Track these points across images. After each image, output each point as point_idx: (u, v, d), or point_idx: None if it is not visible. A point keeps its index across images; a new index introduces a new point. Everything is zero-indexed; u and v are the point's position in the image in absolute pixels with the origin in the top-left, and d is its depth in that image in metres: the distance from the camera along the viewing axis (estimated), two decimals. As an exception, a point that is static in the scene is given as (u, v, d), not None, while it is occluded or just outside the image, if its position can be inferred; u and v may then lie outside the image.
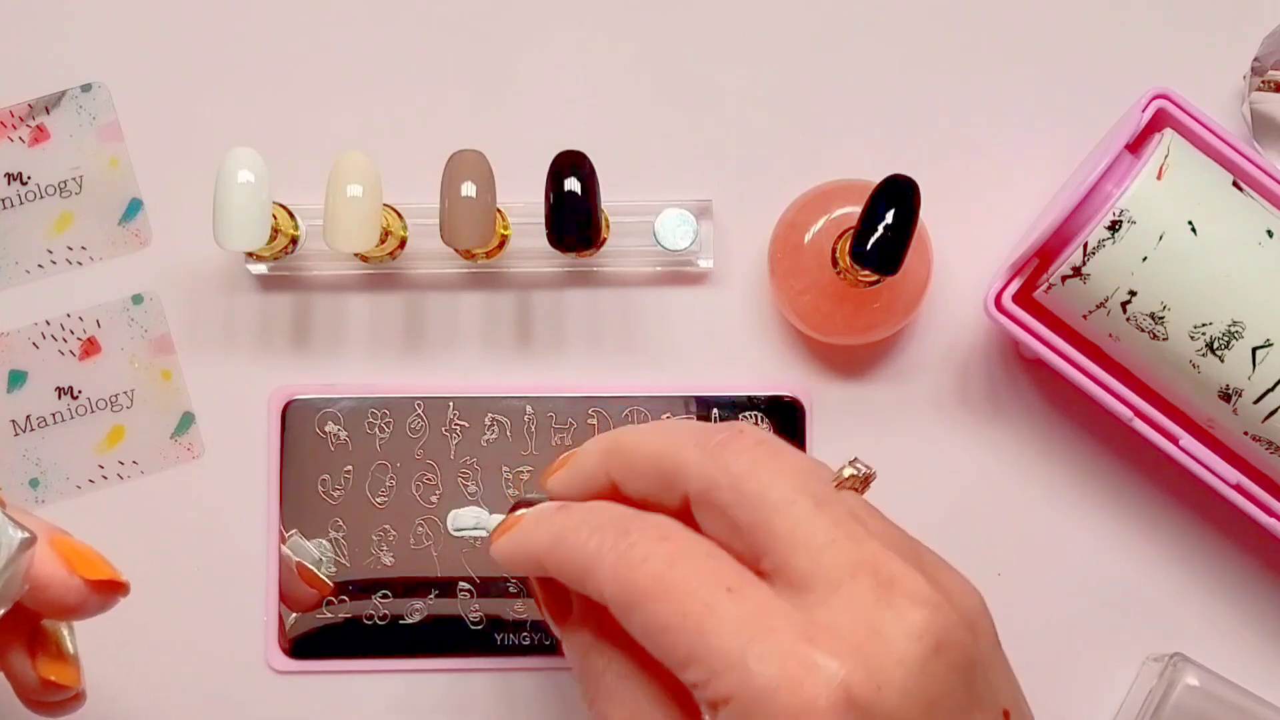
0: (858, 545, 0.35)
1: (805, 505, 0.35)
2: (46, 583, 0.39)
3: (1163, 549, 0.53)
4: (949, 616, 0.35)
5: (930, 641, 0.34)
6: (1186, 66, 0.53)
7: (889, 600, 0.34)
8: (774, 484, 0.36)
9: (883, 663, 0.33)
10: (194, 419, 0.53)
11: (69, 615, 0.41)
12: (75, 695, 0.42)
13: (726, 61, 0.54)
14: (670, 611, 0.34)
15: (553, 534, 0.38)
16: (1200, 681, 0.50)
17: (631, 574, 0.35)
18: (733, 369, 0.53)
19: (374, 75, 0.54)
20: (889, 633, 0.34)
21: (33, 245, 0.53)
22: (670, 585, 0.35)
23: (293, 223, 0.51)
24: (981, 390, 0.53)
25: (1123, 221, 0.45)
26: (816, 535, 0.35)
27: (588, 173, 0.48)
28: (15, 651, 0.41)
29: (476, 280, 0.53)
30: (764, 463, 0.36)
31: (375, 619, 0.52)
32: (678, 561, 0.35)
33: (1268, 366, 0.46)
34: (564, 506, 0.39)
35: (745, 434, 0.37)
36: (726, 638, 0.34)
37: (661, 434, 0.39)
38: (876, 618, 0.34)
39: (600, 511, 0.38)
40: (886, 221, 0.46)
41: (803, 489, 0.36)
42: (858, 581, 0.34)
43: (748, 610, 0.34)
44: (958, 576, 0.37)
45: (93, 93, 0.53)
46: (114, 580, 0.40)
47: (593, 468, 0.40)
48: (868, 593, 0.34)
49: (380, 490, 0.52)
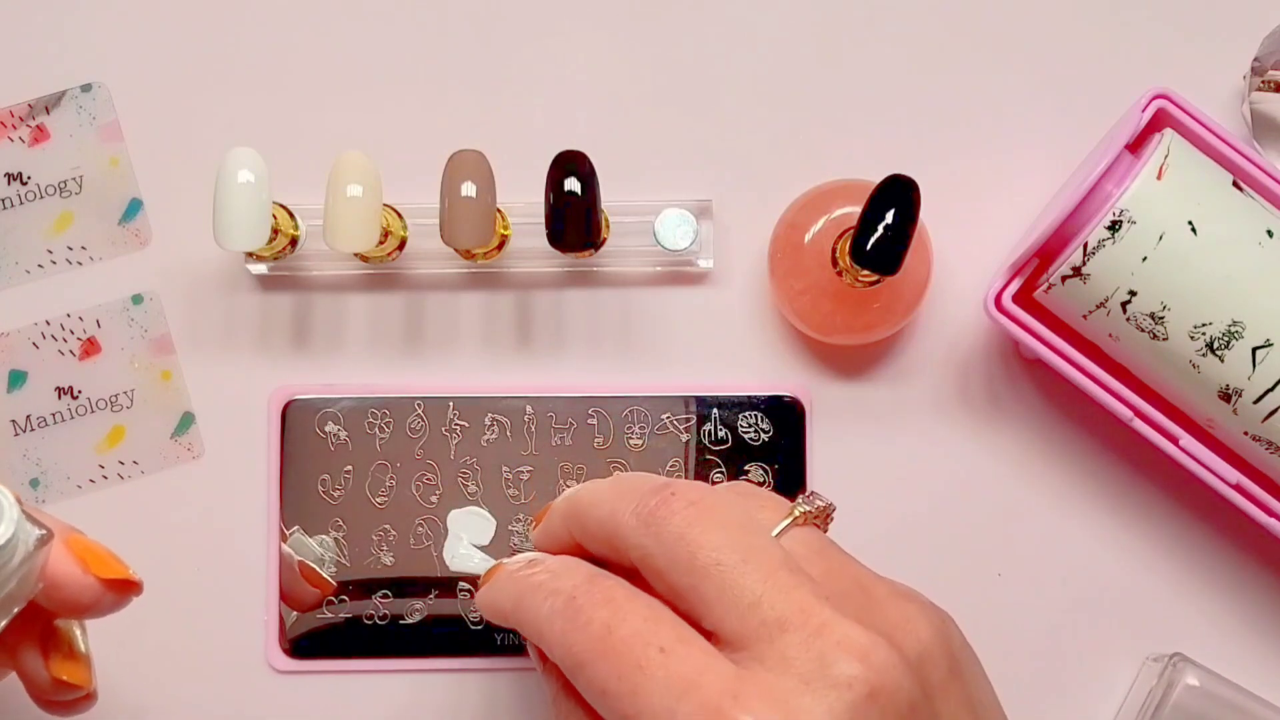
0: (786, 597, 0.35)
1: (732, 564, 0.36)
2: (61, 581, 0.39)
3: (1163, 549, 0.53)
4: (885, 659, 0.35)
5: (862, 689, 0.34)
6: (1186, 66, 0.53)
7: (819, 651, 0.34)
8: (702, 546, 0.36)
9: (811, 717, 0.34)
10: (194, 419, 0.53)
11: (83, 614, 0.41)
12: (87, 695, 0.42)
13: (726, 62, 0.54)
14: (607, 674, 0.35)
15: (516, 594, 0.39)
16: (1200, 681, 0.50)
17: (574, 638, 0.36)
18: (733, 369, 0.53)
19: (374, 75, 0.54)
20: (817, 685, 0.34)
21: (33, 245, 0.53)
22: (608, 648, 0.35)
23: (293, 223, 0.51)
24: (981, 390, 0.53)
25: (1123, 221, 0.45)
26: (743, 594, 0.35)
27: (588, 173, 0.48)
28: (28, 650, 0.41)
29: (476, 280, 0.53)
30: (694, 524, 0.37)
31: (375, 619, 0.52)
32: (616, 626, 0.36)
33: (1268, 366, 0.46)
34: (533, 560, 0.40)
35: (677, 496, 0.38)
36: (656, 698, 0.34)
37: (608, 498, 0.39)
38: (805, 671, 0.34)
39: (562, 573, 0.38)
40: (886, 221, 0.46)
41: (731, 546, 0.36)
42: (787, 636, 0.35)
43: (677, 670, 0.34)
44: (911, 607, 0.37)
45: (93, 93, 0.53)
46: (128, 579, 0.40)
47: (557, 528, 0.42)
48: (797, 646, 0.35)
49: (380, 490, 0.52)
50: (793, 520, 0.39)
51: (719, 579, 0.36)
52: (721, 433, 0.52)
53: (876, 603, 0.37)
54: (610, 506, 0.39)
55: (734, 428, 0.52)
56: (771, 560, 0.36)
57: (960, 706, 0.37)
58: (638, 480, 0.39)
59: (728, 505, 0.38)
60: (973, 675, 0.38)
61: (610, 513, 0.39)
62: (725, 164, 0.53)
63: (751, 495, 0.40)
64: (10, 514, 0.36)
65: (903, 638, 0.36)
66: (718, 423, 0.52)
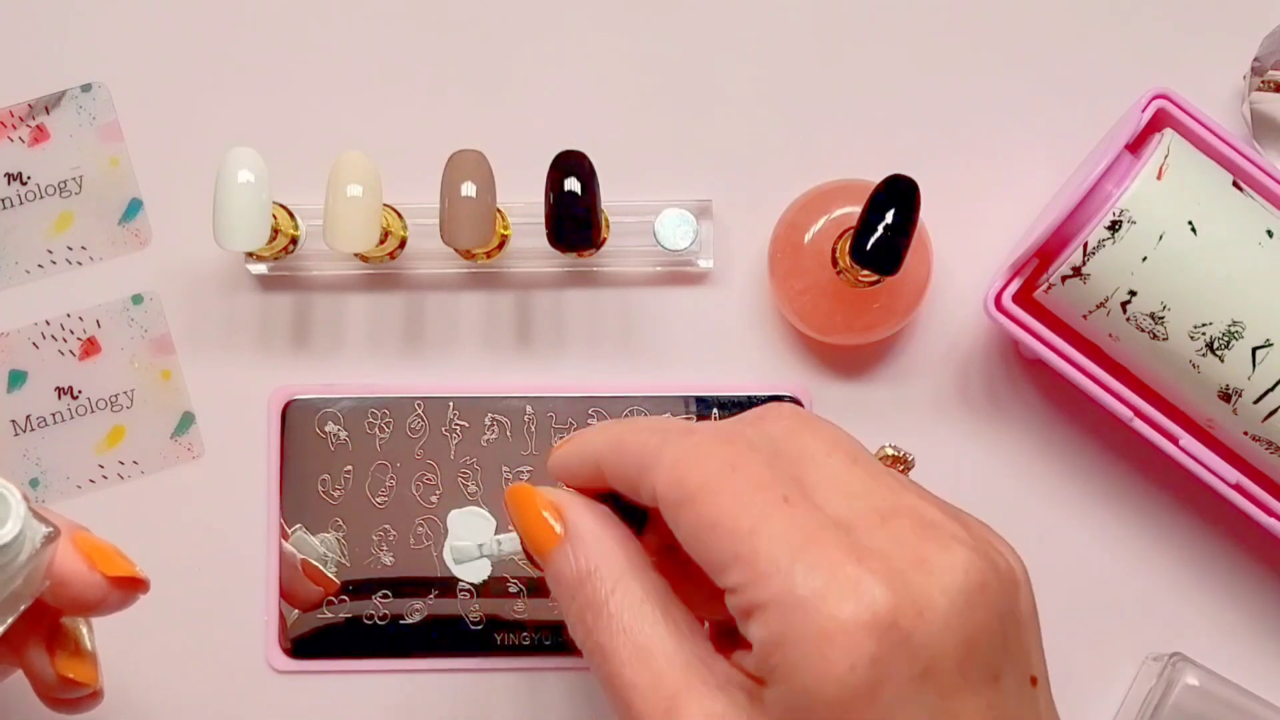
0: (895, 495, 0.35)
1: (841, 459, 0.36)
2: (68, 579, 0.39)
3: (1163, 549, 0.53)
4: (993, 562, 0.34)
5: (976, 578, 0.33)
6: (1186, 66, 0.53)
7: (934, 538, 0.34)
8: (811, 442, 0.36)
9: (927, 589, 0.33)
10: (194, 419, 0.53)
11: (89, 611, 0.41)
12: (93, 693, 0.42)
13: (726, 62, 0.54)
14: (723, 509, 0.34)
15: (614, 436, 0.38)
16: (1200, 681, 0.50)
17: (690, 470, 0.35)
18: (733, 369, 0.53)
19: (374, 75, 0.54)
20: (935, 563, 0.33)
21: (33, 245, 0.53)
22: (727, 485, 0.34)
23: (293, 223, 0.51)
24: (981, 390, 0.53)
25: (1123, 221, 0.45)
26: (853, 484, 0.35)
27: (588, 173, 0.48)
28: (34, 648, 0.41)
29: (476, 280, 0.53)
30: (806, 424, 0.37)
31: (375, 619, 0.52)
32: (738, 466, 0.35)
33: (1268, 366, 0.46)
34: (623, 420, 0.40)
35: (781, 406, 0.38)
36: (777, 542, 0.33)
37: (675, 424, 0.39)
38: (922, 550, 0.33)
39: (661, 419, 0.38)
40: (886, 221, 0.46)
41: (842, 448, 0.36)
42: (900, 521, 0.34)
43: (800, 522, 0.33)
44: (1005, 543, 0.37)
45: (93, 93, 0.53)
46: (135, 577, 0.40)
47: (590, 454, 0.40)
48: (909, 531, 0.34)
49: (380, 490, 0.52)
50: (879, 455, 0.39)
51: (829, 470, 0.35)
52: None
53: (976, 530, 0.36)
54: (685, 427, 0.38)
55: (734, 428, 0.52)
56: (876, 466, 0.36)
57: (1038, 646, 0.36)
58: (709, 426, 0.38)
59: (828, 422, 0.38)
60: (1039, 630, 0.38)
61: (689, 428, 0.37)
62: (725, 164, 0.53)
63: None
64: (17, 511, 0.36)
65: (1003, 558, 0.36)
66: None
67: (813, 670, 0.32)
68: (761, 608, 0.33)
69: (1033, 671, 0.36)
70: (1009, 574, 0.35)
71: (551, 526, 0.38)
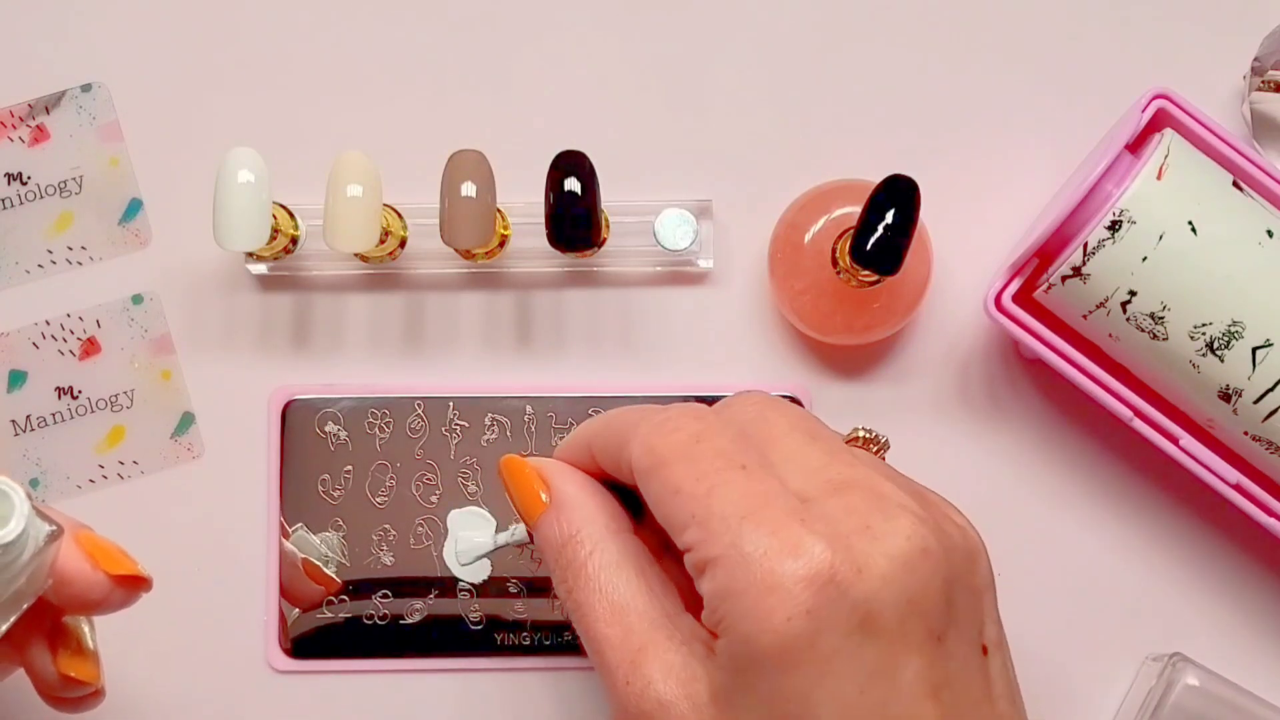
0: (851, 469, 0.37)
1: (801, 437, 0.38)
2: (70, 577, 0.39)
3: (1163, 549, 0.53)
4: (941, 534, 0.36)
5: (919, 544, 0.36)
6: (1186, 66, 0.53)
7: (881, 508, 0.36)
8: (776, 421, 0.39)
9: (869, 551, 0.35)
10: (194, 419, 0.53)
11: (91, 610, 0.41)
12: (94, 692, 0.42)
13: (727, 62, 0.54)
14: (686, 475, 0.37)
15: (603, 419, 0.41)
16: (1200, 681, 0.50)
17: (660, 441, 0.38)
18: (733, 369, 0.53)
19: (374, 75, 0.54)
20: (879, 529, 0.35)
21: (33, 245, 0.53)
22: (692, 454, 0.37)
23: (293, 223, 0.51)
24: (981, 390, 0.53)
25: (1123, 221, 0.45)
26: (811, 459, 0.38)
27: (588, 173, 0.48)
28: (37, 646, 0.41)
29: (476, 280, 0.53)
30: (770, 406, 0.40)
31: (375, 619, 0.52)
32: (704, 438, 0.38)
33: (1268, 366, 0.46)
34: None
35: (751, 393, 0.41)
36: (729, 504, 0.36)
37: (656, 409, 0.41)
38: (868, 519, 0.36)
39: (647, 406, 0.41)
40: (886, 221, 0.46)
41: (803, 428, 0.39)
42: (852, 492, 0.37)
43: (755, 488, 0.36)
44: (962, 518, 0.39)
45: (93, 93, 0.53)
46: (137, 575, 0.40)
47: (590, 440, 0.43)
48: (861, 501, 0.36)
49: (380, 490, 0.52)
50: (851, 436, 0.41)
51: (789, 447, 0.38)
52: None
53: (932, 504, 0.39)
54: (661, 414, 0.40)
55: (734, 428, 0.52)
56: (836, 443, 0.39)
57: (992, 616, 0.38)
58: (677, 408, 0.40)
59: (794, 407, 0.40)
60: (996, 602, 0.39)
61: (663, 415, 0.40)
62: (725, 164, 0.53)
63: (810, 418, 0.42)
64: (20, 509, 0.36)
65: (957, 532, 0.38)
66: None
67: (753, 620, 0.35)
68: (712, 563, 0.36)
69: (985, 641, 0.38)
70: (962, 545, 0.37)
71: (538, 495, 0.41)
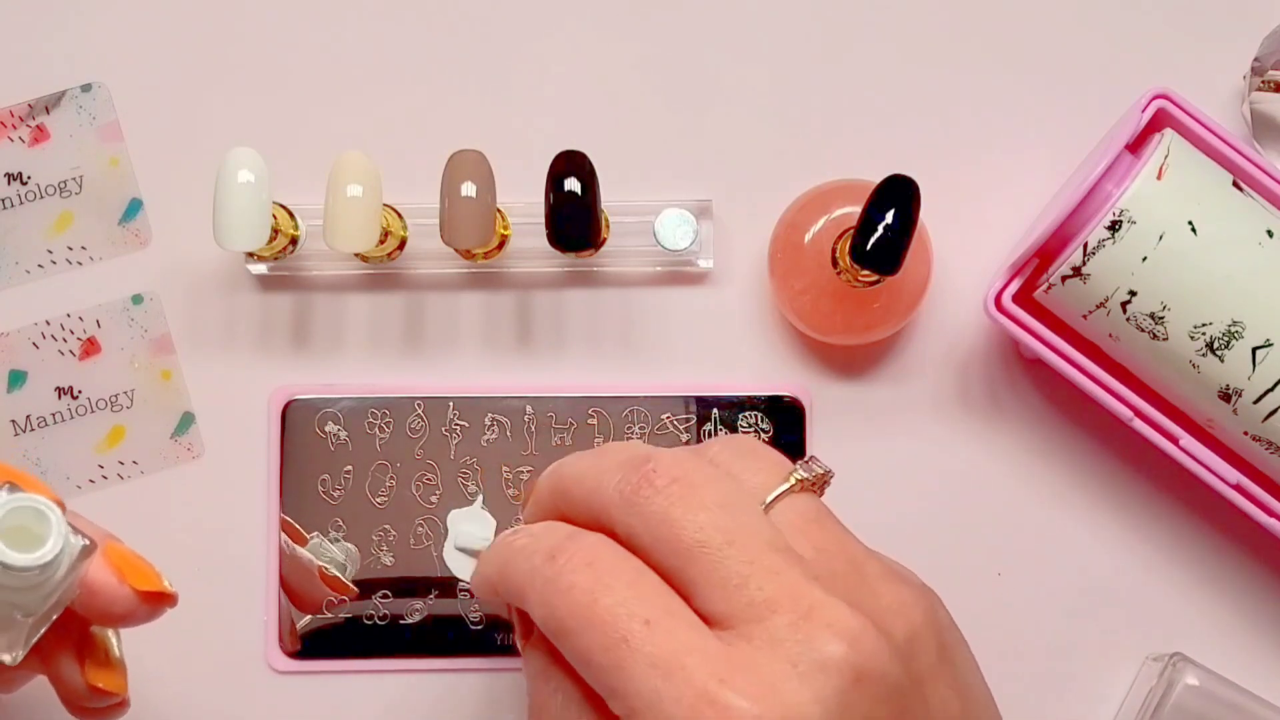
0: (774, 579, 0.35)
1: (716, 545, 0.35)
2: (97, 589, 0.39)
3: (1163, 549, 0.53)
4: (873, 644, 0.34)
5: (849, 674, 0.34)
6: (1186, 66, 0.53)
7: (807, 634, 0.34)
8: (685, 526, 0.36)
9: (798, 700, 0.33)
10: (194, 419, 0.53)
11: (116, 623, 0.40)
12: (120, 702, 0.41)
13: (727, 62, 0.54)
14: (591, 645, 0.34)
15: (500, 561, 0.38)
16: (1200, 681, 0.50)
17: (557, 601, 0.35)
18: (733, 369, 0.53)
19: (374, 75, 0.54)
20: (805, 668, 0.34)
21: (33, 245, 0.53)
22: (592, 617, 0.35)
23: (293, 223, 0.51)
24: (981, 390, 0.53)
25: (1123, 221, 0.45)
26: (730, 576, 0.35)
27: (588, 173, 0.48)
28: (64, 657, 0.40)
29: (476, 280, 0.53)
30: (676, 503, 0.36)
31: (375, 619, 0.52)
32: (600, 594, 0.35)
33: (1268, 366, 0.46)
34: (516, 530, 0.39)
35: (658, 472, 0.36)
36: (640, 676, 0.34)
37: (591, 472, 0.38)
38: (793, 653, 0.34)
39: (541, 535, 0.38)
40: (886, 221, 0.46)
41: (715, 527, 0.36)
42: (776, 617, 0.34)
43: (663, 647, 0.34)
44: (904, 590, 0.37)
45: (93, 93, 0.53)
46: (163, 592, 0.40)
47: (544, 500, 0.40)
48: (785, 628, 0.34)
49: (380, 490, 0.52)
50: (789, 488, 0.38)
51: (704, 561, 0.35)
52: (721, 432, 0.52)
53: (868, 583, 0.37)
54: (594, 481, 0.38)
55: (734, 427, 0.52)
56: (758, 541, 0.35)
57: (949, 689, 0.36)
58: (620, 452, 0.38)
59: (713, 481, 0.37)
60: (961, 659, 0.37)
61: (594, 488, 0.38)
62: (725, 164, 0.53)
63: (747, 456, 0.39)
64: (58, 529, 0.35)
65: (893, 621, 0.36)
66: (718, 423, 0.52)
67: None
68: None
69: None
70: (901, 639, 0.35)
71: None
